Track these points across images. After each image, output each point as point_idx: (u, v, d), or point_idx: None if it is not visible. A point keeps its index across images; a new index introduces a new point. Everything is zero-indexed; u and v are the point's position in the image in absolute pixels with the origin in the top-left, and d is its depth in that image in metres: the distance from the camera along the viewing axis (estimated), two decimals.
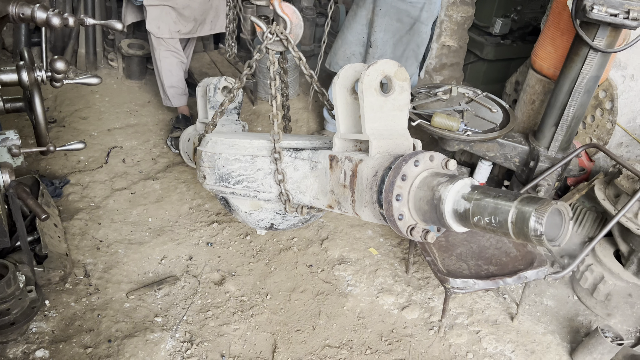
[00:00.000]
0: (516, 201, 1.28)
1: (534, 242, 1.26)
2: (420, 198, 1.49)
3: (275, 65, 2.11)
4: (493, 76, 5.05)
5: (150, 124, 4.11)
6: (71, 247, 2.89)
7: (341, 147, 1.86)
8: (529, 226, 1.23)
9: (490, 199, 1.33)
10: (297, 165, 2.06)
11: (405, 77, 1.70)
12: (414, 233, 1.52)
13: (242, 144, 2.14)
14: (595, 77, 2.76)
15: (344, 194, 1.81)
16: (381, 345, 2.62)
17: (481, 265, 2.51)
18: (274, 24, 2.11)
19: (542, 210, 1.22)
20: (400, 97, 1.70)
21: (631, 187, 2.67)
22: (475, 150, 3.22)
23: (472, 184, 1.43)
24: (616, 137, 3.42)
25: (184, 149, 3.21)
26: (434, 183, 1.46)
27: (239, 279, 2.88)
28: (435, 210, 1.44)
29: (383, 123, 1.69)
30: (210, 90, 2.81)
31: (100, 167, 3.57)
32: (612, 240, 2.91)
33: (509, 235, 1.30)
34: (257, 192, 2.17)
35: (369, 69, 1.61)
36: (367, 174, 1.65)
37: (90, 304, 2.60)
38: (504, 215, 1.28)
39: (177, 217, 3.25)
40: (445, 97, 3.38)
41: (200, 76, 4.31)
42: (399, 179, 1.49)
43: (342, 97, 1.76)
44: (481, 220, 1.34)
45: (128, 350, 2.39)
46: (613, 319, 2.84)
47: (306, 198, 2.07)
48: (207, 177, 2.23)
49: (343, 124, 1.80)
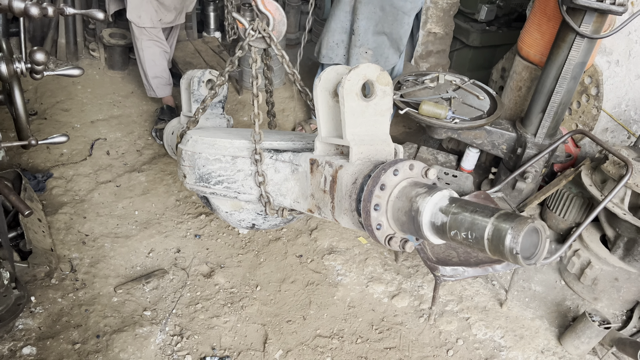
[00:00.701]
0: (493, 217, 1.26)
1: (510, 260, 1.25)
2: (398, 208, 1.48)
3: (257, 63, 2.07)
4: (479, 63, 5.05)
5: (134, 115, 4.04)
6: (56, 242, 2.84)
7: (322, 151, 1.83)
8: (505, 244, 1.22)
9: (467, 213, 1.31)
10: (278, 167, 2.03)
11: (388, 82, 1.66)
12: (392, 243, 1.51)
13: (222, 143, 2.10)
14: (582, 63, 2.76)
15: (324, 199, 1.80)
16: (372, 334, 2.62)
17: (470, 253, 2.52)
18: (256, 20, 2.07)
19: (519, 228, 1.21)
20: (382, 102, 1.68)
21: (617, 173, 2.69)
22: (463, 137, 3.22)
23: (451, 195, 1.41)
24: (601, 122, 3.45)
25: (168, 142, 3.16)
26: (412, 194, 1.44)
27: (228, 270, 2.86)
28: (413, 222, 1.43)
29: (364, 128, 1.67)
30: (194, 84, 2.77)
31: (84, 160, 3.50)
32: (599, 226, 2.94)
33: (485, 252, 1.29)
34: (237, 193, 2.14)
35: (351, 73, 1.57)
36: (346, 181, 1.63)
37: (77, 299, 2.57)
38: (480, 232, 1.27)
39: (164, 210, 3.21)
40: (433, 84, 3.37)
41: (185, 66, 4.25)
42: (378, 189, 1.47)
43: (324, 100, 1.72)
44: (458, 234, 1.32)
45: (117, 345, 2.37)
46: (600, 303, 2.88)
47: (287, 201, 2.05)
48: (187, 176, 2.20)
49: (324, 128, 1.77)
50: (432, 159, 3.70)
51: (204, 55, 4.43)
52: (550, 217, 3.22)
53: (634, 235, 2.63)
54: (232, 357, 2.43)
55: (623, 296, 2.81)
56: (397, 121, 4.44)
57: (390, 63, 3.62)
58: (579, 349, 2.58)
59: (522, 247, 1.20)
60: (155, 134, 3.78)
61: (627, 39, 3.18)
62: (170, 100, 3.94)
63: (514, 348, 2.62)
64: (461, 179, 3.21)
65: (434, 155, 3.73)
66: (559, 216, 3.13)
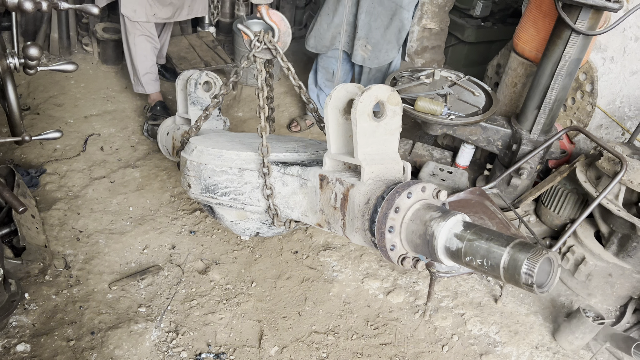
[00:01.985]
0: (509, 247, 1.31)
1: (524, 288, 1.30)
2: (412, 231, 1.53)
3: (262, 74, 2.09)
4: (474, 59, 5.05)
5: (128, 110, 4.02)
6: (50, 238, 2.82)
7: (331, 167, 1.87)
8: (521, 274, 1.27)
9: (483, 241, 1.36)
10: (286, 180, 2.05)
11: (398, 101, 1.70)
12: (405, 263, 1.57)
13: (229, 155, 2.11)
14: (577, 60, 2.77)
15: (334, 215, 1.83)
16: (367, 329, 2.63)
17: None
18: (261, 32, 2.08)
19: (535, 259, 1.26)
20: (392, 122, 1.71)
21: (612, 169, 2.70)
22: (459, 134, 3.22)
23: (464, 220, 1.46)
24: (596, 119, 3.46)
25: (162, 142, 3.16)
26: (426, 217, 1.49)
27: (223, 267, 2.85)
28: (428, 245, 1.47)
29: (375, 147, 1.70)
30: (191, 86, 2.76)
31: (78, 156, 3.48)
32: (593, 222, 2.95)
33: (499, 279, 1.34)
34: (244, 205, 2.16)
35: (363, 95, 1.60)
36: (359, 201, 1.68)
37: (71, 295, 2.55)
38: (497, 260, 1.32)
39: (159, 206, 3.20)
40: (428, 80, 3.37)
41: (179, 61, 4.22)
42: (392, 211, 1.52)
43: (334, 118, 1.75)
44: (473, 261, 1.37)
45: (112, 341, 2.36)
46: (594, 299, 2.89)
47: (294, 213, 2.08)
48: (193, 187, 2.21)
49: (334, 144, 1.80)
50: (427, 155, 3.70)
51: (199, 50, 4.41)
52: (544, 213, 3.23)
53: (628, 231, 2.65)
54: (228, 354, 2.42)
55: (617, 292, 2.82)
56: None
57: (389, 57, 3.61)
58: (573, 344, 2.59)
59: (537, 277, 1.26)
60: (147, 132, 3.74)
61: (622, 36, 3.19)
62: (159, 96, 3.90)
63: (509, 344, 2.64)
64: (456, 175, 3.21)
65: (429, 151, 3.73)
66: (554, 212, 3.15)
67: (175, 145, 2.98)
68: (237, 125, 4.06)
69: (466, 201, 2.85)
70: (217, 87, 2.86)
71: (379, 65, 3.66)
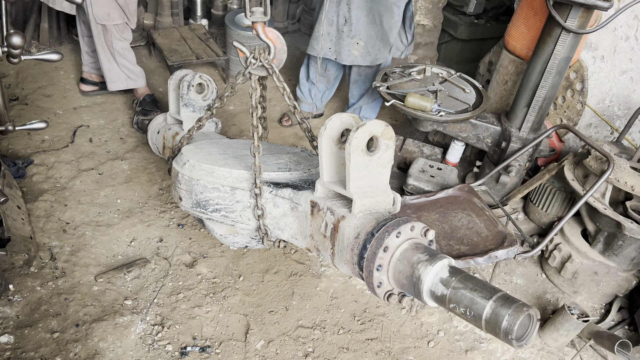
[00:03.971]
0: (491, 300, 1.36)
1: (502, 340, 1.35)
2: (399, 271, 1.58)
3: (257, 92, 2.08)
4: (467, 56, 5.05)
5: (118, 102, 3.98)
6: (36, 230, 2.80)
7: (322, 193, 1.90)
8: (501, 328, 1.33)
9: (467, 291, 1.41)
10: (278, 202, 2.07)
11: (391, 136, 1.72)
12: (391, 299, 1.62)
13: (221, 172, 2.12)
14: (567, 58, 2.77)
15: (324, 243, 1.88)
16: (354, 325, 2.63)
17: (453, 245, 2.53)
18: (256, 49, 2.09)
19: (516, 316, 1.31)
20: (384, 155, 1.74)
21: (599, 168, 2.71)
22: (449, 130, 3.22)
23: (450, 264, 1.51)
24: (586, 118, 3.47)
25: (152, 140, 3.14)
26: (414, 259, 1.54)
27: (211, 260, 2.85)
28: (414, 287, 1.52)
29: (367, 181, 1.73)
30: (184, 88, 2.76)
31: (66, 147, 3.45)
32: (580, 220, 2.97)
33: (480, 328, 1.39)
34: (234, 222, 2.18)
35: (358, 131, 1.62)
36: (349, 234, 1.72)
37: (56, 287, 2.53)
38: (479, 312, 1.37)
39: (147, 199, 3.18)
40: (419, 77, 3.36)
41: (170, 53, 4.19)
42: (381, 251, 1.57)
43: (328, 147, 1.78)
44: (457, 308, 1.43)
45: (97, 334, 2.35)
46: (579, 297, 2.91)
47: (284, 235, 2.11)
48: (184, 200, 2.22)
49: (327, 172, 1.83)
50: (418, 152, 3.70)
51: (190, 42, 4.38)
52: (533, 211, 3.24)
53: (614, 229, 2.66)
54: (214, 347, 2.42)
55: (602, 290, 2.84)
56: (383, 113, 4.43)
57: (380, 57, 3.60)
58: (558, 341, 2.61)
59: (516, 333, 1.32)
60: (137, 125, 3.70)
61: (613, 35, 3.20)
62: (147, 89, 3.83)
63: (494, 340, 2.65)
64: (446, 171, 3.22)
65: (419, 148, 3.74)
66: (542, 210, 3.16)
67: (165, 145, 2.97)
68: (228, 119, 4.04)
69: (454, 198, 2.86)
70: (211, 89, 2.86)
71: (372, 63, 3.64)
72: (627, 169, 2.66)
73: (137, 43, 4.57)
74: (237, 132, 3.93)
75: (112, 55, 3.56)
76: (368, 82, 3.86)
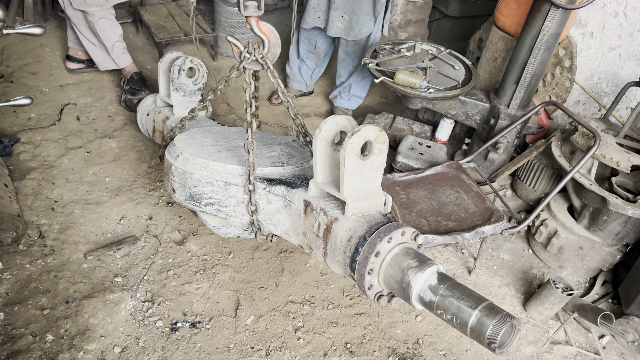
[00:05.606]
0: (477, 310, 1.43)
1: (484, 347, 1.44)
2: (390, 275, 1.65)
3: (251, 87, 2.08)
4: (458, 33, 5.02)
5: (105, 79, 3.94)
6: (24, 208, 2.79)
7: (315, 192, 1.95)
8: (485, 336, 1.40)
9: (454, 299, 1.48)
10: (271, 199, 2.11)
11: (385, 140, 1.75)
12: (381, 300, 1.70)
13: (215, 167, 2.14)
14: (556, 35, 2.77)
15: (316, 242, 1.94)
16: (343, 300, 2.66)
17: (440, 222, 2.56)
18: (250, 43, 2.09)
19: (500, 326, 1.39)
20: (377, 159, 1.77)
21: (586, 144, 2.73)
22: (438, 108, 3.22)
23: (439, 271, 1.58)
24: (574, 95, 3.48)
25: (142, 122, 3.13)
26: (404, 265, 1.61)
27: (200, 238, 2.86)
28: (403, 292, 1.60)
29: (360, 184, 1.77)
30: (175, 72, 2.75)
31: (53, 125, 3.42)
32: (567, 196, 3.00)
33: (465, 335, 1.48)
34: (228, 216, 2.21)
35: (353, 137, 1.65)
36: (341, 236, 1.78)
37: (45, 265, 2.54)
38: (465, 320, 1.45)
39: (136, 177, 3.17)
40: (409, 53, 3.35)
41: (157, 30, 4.13)
42: (373, 256, 1.64)
43: (322, 149, 1.81)
44: (444, 315, 1.51)
45: (87, 310, 2.36)
46: (564, 271, 2.96)
47: (277, 230, 2.15)
48: (177, 192, 2.23)
49: (320, 173, 1.87)
50: (408, 129, 3.71)
51: (178, 19, 4.32)
52: (520, 188, 3.27)
53: (599, 205, 2.70)
54: (204, 323, 2.44)
55: (587, 264, 2.89)
56: (373, 91, 4.42)
57: (365, 30, 3.56)
58: (543, 314, 2.66)
59: (499, 342, 1.40)
60: (125, 103, 3.66)
61: (602, 11, 3.19)
62: (134, 67, 3.73)
63: None
64: (435, 149, 3.23)
65: (409, 126, 3.74)
66: (529, 186, 3.19)
67: (155, 128, 2.96)
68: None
69: (443, 175, 2.87)
70: (201, 73, 2.85)
71: (355, 38, 3.60)
72: (613, 144, 2.68)
73: (124, 20, 4.49)
74: (226, 109, 3.91)
75: (97, 37, 3.50)
76: (356, 60, 3.83)
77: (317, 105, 4.27)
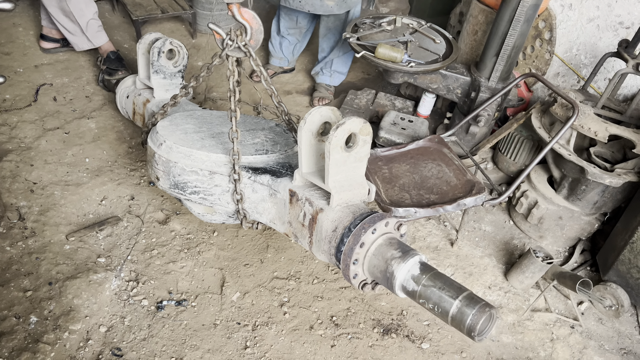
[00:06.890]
0: (457, 300, 1.51)
1: (464, 334, 1.52)
2: (374, 265, 1.72)
3: (235, 76, 2.07)
4: (439, 8, 4.99)
5: (81, 59, 3.85)
6: (2, 190, 2.75)
7: (300, 182, 1.98)
8: (465, 325, 1.48)
9: (436, 289, 1.56)
10: (256, 188, 2.12)
11: (369, 132, 1.77)
12: (365, 288, 1.77)
13: (199, 156, 2.13)
14: (535, 6, 2.77)
15: (302, 232, 1.98)
16: (328, 274, 2.69)
17: (423, 195, 2.58)
18: (232, 30, 2.08)
19: (479, 315, 1.47)
20: (362, 150, 1.81)
21: (564, 115, 2.76)
22: (419, 82, 3.22)
23: (421, 261, 1.65)
24: (554, 67, 3.51)
25: (121, 104, 3.09)
26: (387, 255, 1.67)
27: (184, 217, 2.84)
28: (387, 281, 1.67)
29: (345, 175, 1.81)
30: (154, 54, 2.71)
31: (29, 106, 3.34)
32: (547, 168, 3.04)
33: (446, 323, 1.56)
34: (213, 204, 2.21)
35: (338, 130, 1.68)
36: (327, 227, 1.83)
37: (27, 247, 2.51)
38: (446, 309, 1.53)
39: (116, 157, 3.13)
40: (390, 27, 3.33)
41: (134, 7, 4.04)
42: (358, 246, 1.70)
43: (307, 140, 1.84)
44: (426, 304, 1.58)
45: (71, 291, 2.35)
46: (545, 241, 3.02)
47: (263, 218, 2.18)
48: (161, 180, 2.23)
49: (305, 164, 1.90)
50: (390, 105, 3.70)
51: None
52: (501, 160, 3.30)
53: (578, 175, 2.74)
54: (190, 301, 2.45)
55: (566, 234, 2.95)
56: (355, 67, 4.40)
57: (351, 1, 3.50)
58: (523, 283, 2.72)
59: (478, 330, 1.48)
60: (103, 83, 3.58)
61: None
62: (111, 46, 3.62)
63: (463, 284, 2.73)
64: (417, 124, 3.24)
65: (391, 101, 3.74)
66: (510, 159, 3.22)
67: (135, 111, 2.92)
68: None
69: (425, 149, 2.89)
70: (182, 55, 2.81)
71: (347, 8, 3.55)
72: (591, 115, 2.72)
73: None
74: (204, 87, 3.86)
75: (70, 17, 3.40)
76: (338, 35, 3.80)
77: (299, 82, 4.23)
